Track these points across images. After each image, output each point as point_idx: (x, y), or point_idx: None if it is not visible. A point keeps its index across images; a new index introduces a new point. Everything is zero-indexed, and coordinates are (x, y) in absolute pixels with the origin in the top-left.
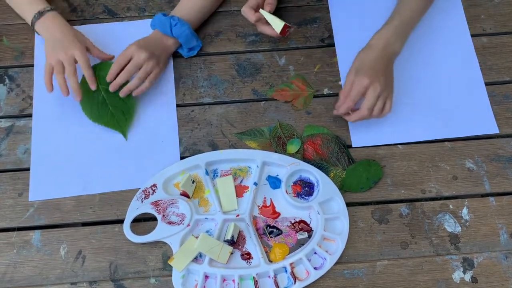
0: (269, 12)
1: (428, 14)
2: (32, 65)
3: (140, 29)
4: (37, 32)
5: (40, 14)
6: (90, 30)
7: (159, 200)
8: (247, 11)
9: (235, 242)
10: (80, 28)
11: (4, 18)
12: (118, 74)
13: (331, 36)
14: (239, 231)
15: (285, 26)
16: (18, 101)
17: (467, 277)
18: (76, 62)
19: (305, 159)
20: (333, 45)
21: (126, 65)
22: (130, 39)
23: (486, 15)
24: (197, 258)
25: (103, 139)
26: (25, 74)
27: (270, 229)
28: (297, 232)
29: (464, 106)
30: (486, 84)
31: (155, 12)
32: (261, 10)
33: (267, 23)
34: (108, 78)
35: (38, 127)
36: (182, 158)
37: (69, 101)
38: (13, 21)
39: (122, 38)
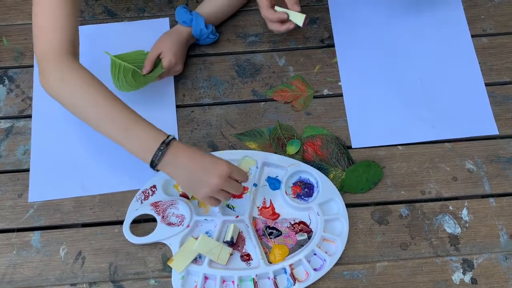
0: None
1: (429, 14)
2: (32, 66)
3: (140, 29)
4: (157, 170)
5: (166, 144)
6: (90, 31)
7: (158, 201)
8: (267, 13)
9: (235, 243)
10: (80, 28)
11: (4, 19)
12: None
13: (331, 37)
14: (239, 232)
15: (305, 18)
16: (17, 102)
17: (467, 278)
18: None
19: (304, 160)
20: (333, 45)
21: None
22: (130, 39)
23: (486, 15)
24: (197, 259)
25: (103, 140)
26: (25, 75)
27: (270, 230)
28: (297, 233)
29: (464, 107)
30: (486, 84)
31: (154, 12)
32: (277, 8)
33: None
34: (144, 72)
35: (37, 128)
36: None
37: None
38: (13, 22)
39: (121, 38)
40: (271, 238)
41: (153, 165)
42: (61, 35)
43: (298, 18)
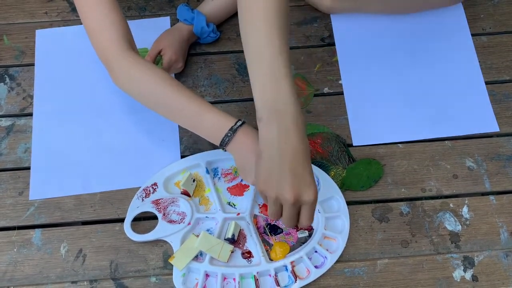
0: None
1: (429, 14)
2: (33, 64)
3: (141, 28)
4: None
5: (233, 131)
6: None
7: (159, 199)
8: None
9: (236, 240)
10: (81, 27)
11: (5, 18)
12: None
13: (331, 36)
14: (240, 229)
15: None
16: (18, 100)
17: (468, 275)
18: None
19: None
20: (333, 44)
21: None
22: None
23: (486, 14)
24: (198, 257)
25: (104, 137)
26: (26, 73)
27: (271, 228)
28: (298, 230)
29: (464, 105)
30: (486, 83)
31: (155, 11)
32: None
33: None
34: None
35: (38, 126)
36: (182, 157)
37: (70, 99)
38: (14, 21)
39: None
40: (272, 236)
41: (222, 148)
42: (114, 32)
43: None
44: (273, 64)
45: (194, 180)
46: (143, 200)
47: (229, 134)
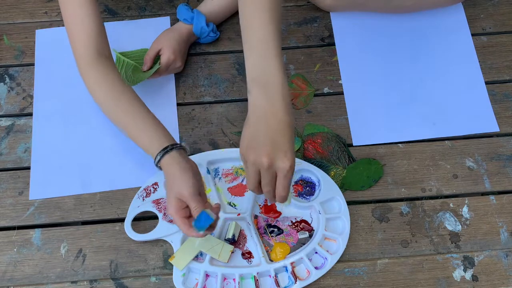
0: None
1: (429, 13)
2: (33, 64)
3: (141, 28)
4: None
5: (165, 151)
6: None
7: (160, 199)
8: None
9: (236, 241)
10: None
11: (5, 18)
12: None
13: (331, 35)
14: (240, 230)
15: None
16: (18, 100)
17: (468, 275)
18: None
19: (305, 158)
20: (333, 44)
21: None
22: (130, 38)
23: (486, 14)
24: (198, 257)
25: (104, 137)
26: (26, 73)
27: (271, 229)
28: (298, 231)
29: (464, 105)
30: (486, 83)
31: (155, 11)
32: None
33: None
34: (144, 68)
35: (38, 126)
36: None
37: (70, 99)
38: (14, 20)
39: (122, 37)
40: (272, 236)
41: (157, 161)
42: (86, 39)
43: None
44: (265, 45)
45: None
46: (143, 199)
47: (158, 157)
